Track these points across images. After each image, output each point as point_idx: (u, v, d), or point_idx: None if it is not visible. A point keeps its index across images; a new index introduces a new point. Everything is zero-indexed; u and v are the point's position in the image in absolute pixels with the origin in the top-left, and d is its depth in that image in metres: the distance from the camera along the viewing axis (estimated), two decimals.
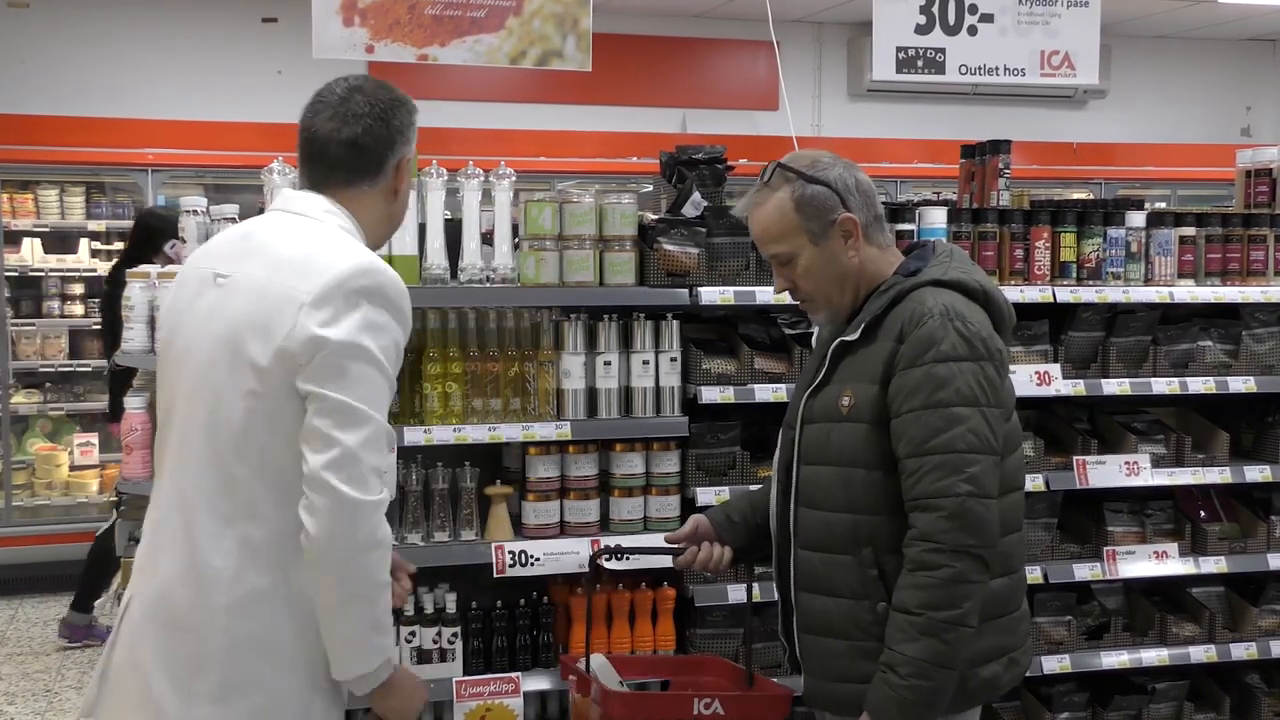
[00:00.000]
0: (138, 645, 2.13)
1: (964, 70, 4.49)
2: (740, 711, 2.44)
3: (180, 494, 2.13)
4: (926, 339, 2.27)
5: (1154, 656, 3.90)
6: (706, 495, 3.51)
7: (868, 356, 2.35)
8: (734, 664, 2.75)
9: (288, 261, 2.10)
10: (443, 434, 3.34)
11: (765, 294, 3.56)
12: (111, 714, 2.16)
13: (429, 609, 3.44)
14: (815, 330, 2.94)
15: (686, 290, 3.55)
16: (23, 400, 7.60)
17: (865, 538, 2.33)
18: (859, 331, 2.38)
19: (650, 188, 4.22)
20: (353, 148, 2.20)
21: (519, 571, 3.40)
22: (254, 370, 2.05)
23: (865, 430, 2.33)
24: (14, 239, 7.54)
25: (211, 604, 2.06)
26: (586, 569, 3.40)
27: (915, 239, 3.71)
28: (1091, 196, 8.39)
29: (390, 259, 3.35)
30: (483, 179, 3.54)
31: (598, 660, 2.59)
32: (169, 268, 3.48)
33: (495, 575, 3.40)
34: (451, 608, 3.44)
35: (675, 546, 2.68)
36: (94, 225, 7.73)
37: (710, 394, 3.52)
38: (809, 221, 2.37)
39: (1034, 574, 3.78)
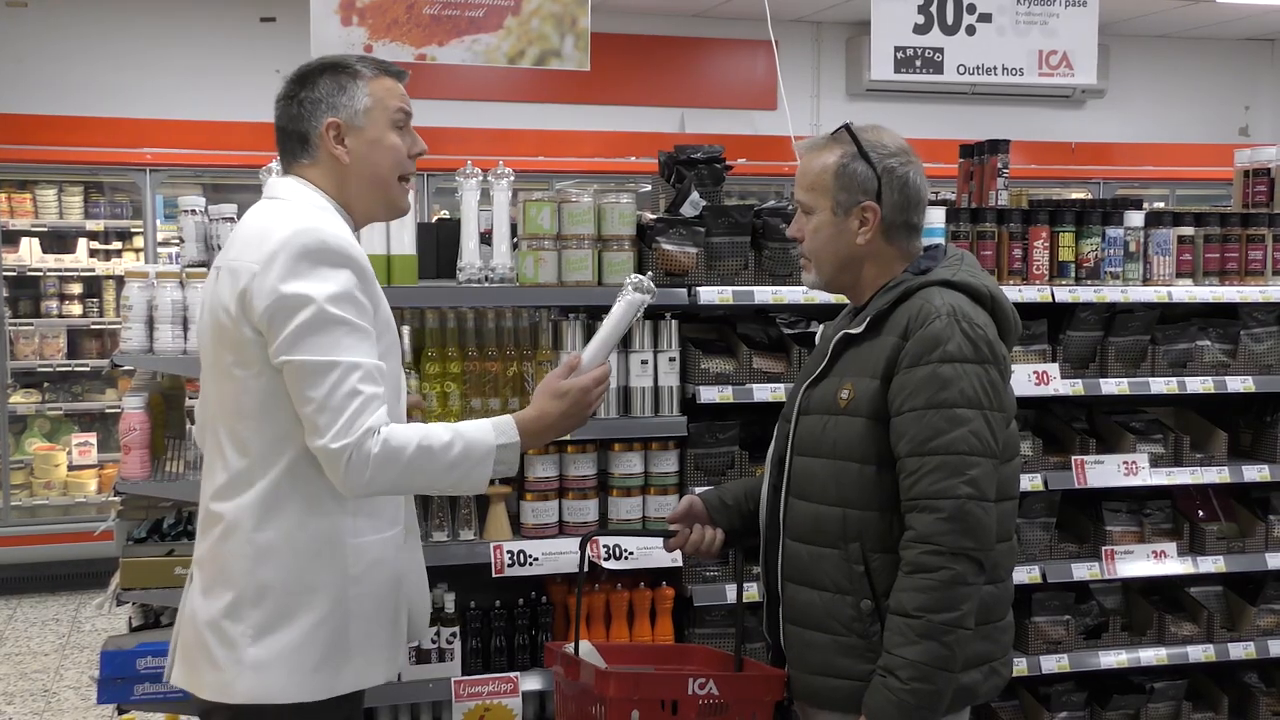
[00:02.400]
0: (191, 606, 2.33)
1: (962, 70, 4.50)
2: (735, 691, 2.45)
3: (208, 465, 2.33)
4: (932, 338, 2.26)
5: (1152, 656, 3.90)
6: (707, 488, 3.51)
7: (870, 351, 2.35)
8: (722, 652, 2.75)
9: (247, 240, 2.25)
10: None
11: (764, 294, 3.56)
12: (184, 674, 2.34)
13: None
14: (818, 330, 2.94)
15: (685, 290, 3.55)
16: (21, 400, 7.60)
17: (854, 532, 2.33)
18: (864, 326, 2.38)
19: (649, 187, 4.22)
20: (280, 133, 2.37)
21: (517, 571, 3.40)
22: (234, 347, 2.21)
23: (862, 424, 2.33)
24: (12, 238, 7.54)
25: (238, 554, 2.24)
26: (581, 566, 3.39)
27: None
28: (1090, 196, 8.39)
29: (389, 259, 3.37)
30: (481, 179, 3.54)
31: (585, 647, 2.59)
32: (166, 267, 3.48)
33: (494, 575, 3.40)
34: (450, 607, 3.44)
35: (667, 529, 2.68)
36: (92, 225, 7.73)
37: (709, 393, 3.52)
38: (839, 192, 2.39)
39: (1032, 573, 3.79)
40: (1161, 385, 3.88)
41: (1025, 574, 3.77)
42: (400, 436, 2.16)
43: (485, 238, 3.55)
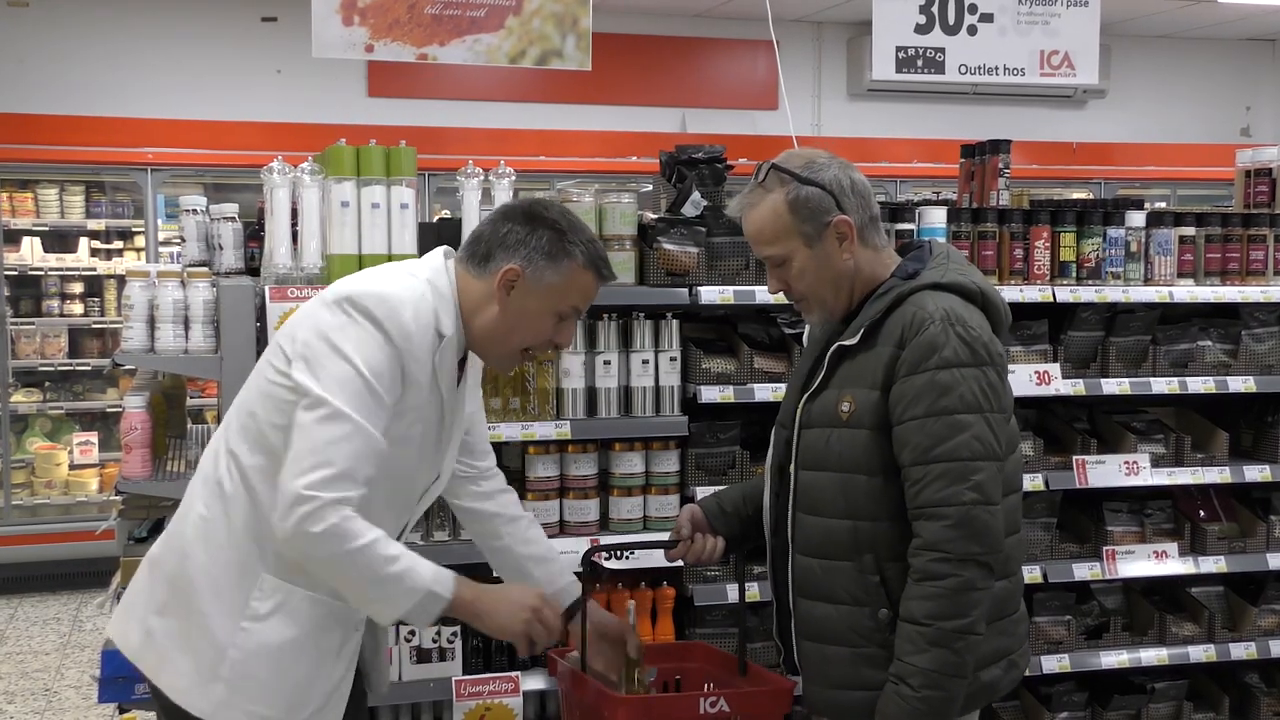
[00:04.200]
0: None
1: (964, 70, 4.49)
2: (746, 707, 2.44)
3: (212, 447, 2.38)
4: (928, 345, 2.25)
5: (1153, 656, 3.90)
6: (706, 495, 3.51)
7: (867, 361, 2.34)
8: (722, 651, 2.75)
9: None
10: None
11: (765, 293, 3.53)
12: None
13: None
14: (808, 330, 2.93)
15: (686, 289, 3.55)
16: (22, 399, 7.61)
17: (866, 544, 2.32)
18: (858, 336, 2.36)
19: (650, 187, 4.22)
20: (478, 234, 2.35)
21: None
22: (278, 357, 2.24)
23: (866, 436, 2.32)
24: (13, 238, 7.55)
25: (180, 532, 2.30)
26: (583, 568, 3.39)
27: (915, 238, 3.71)
28: (1091, 196, 8.39)
29: (390, 259, 3.36)
30: (482, 178, 3.54)
31: None
32: (167, 267, 3.48)
33: (495, 574, 3.40)
34: None
35: (668, 540, 2.67)
36: (93, 224, 7.74)
37: (710, 393, 3.52)
38: (803, 224, 2.35)
39: (1033, 573, 3.78)
40: (1163, 385, 3.88)
41: (1026, 574, 3.74)
42: (360, 528, 2.12)
43: None
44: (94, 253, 7.80)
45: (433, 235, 3.64)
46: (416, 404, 2.24)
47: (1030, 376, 3.73)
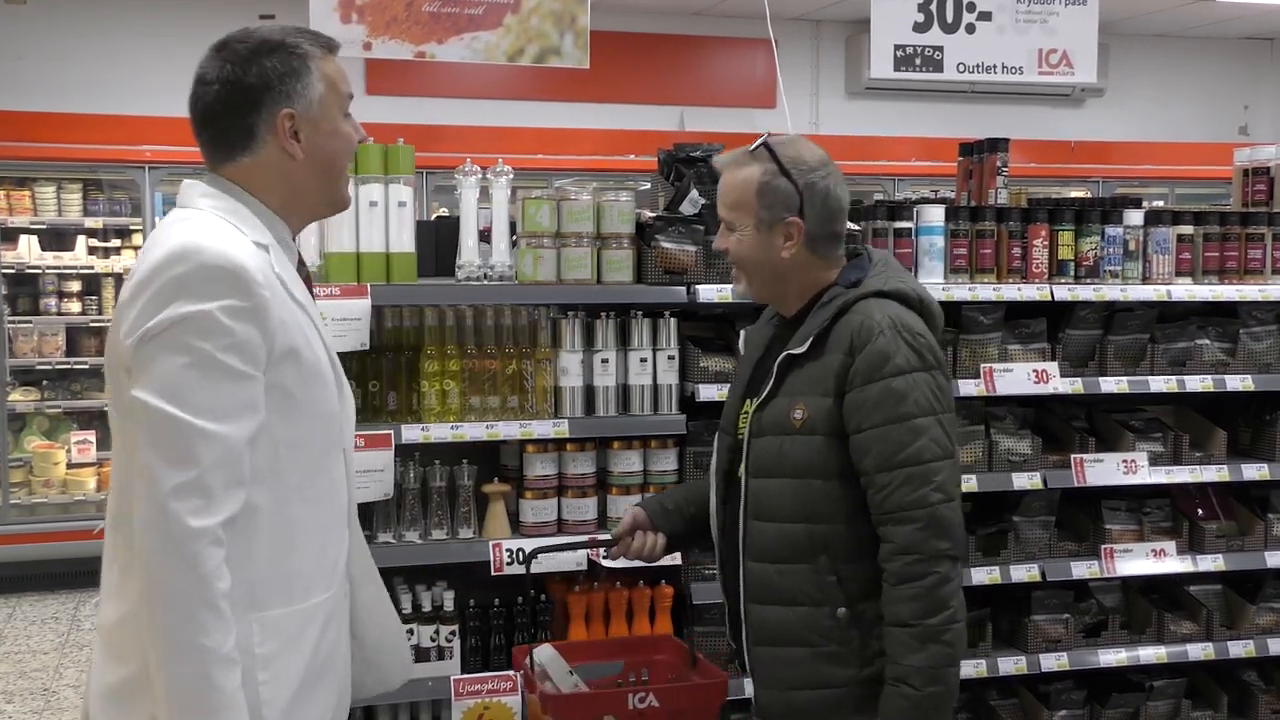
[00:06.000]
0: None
1: (962, 68, 4.50)
2: (675, 702, 2.49)
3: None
4: (881, 355, 2.31)
5: (1152, 654, 3.90)
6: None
7: (817, 369, 2.38)
8: (685, 644, 2.81)
9: (137, 265, 1.92)
10: (440, 431, 3.34)
11: None
12: None
13: (426, 607, 3.44)
14: (743, 334, 2.96)
15: (684, 288, 3.55)
16: (20, 398, 7.60)
17: (820, 546, 2.36)
18: (806, 344, 2.40)
19: (648, 185, 4.22)
20: (207, 125, 2.01)
21: (516, 569, 3.40)
22: (116, 391, 1.92)
23: (820, 442, 2.36)
24: (11, 236, 7.53)
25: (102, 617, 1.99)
26: (583, 566, 3.40)
27: (914, 237, 3.72)
28: (1089, 195, 8.39)
29: (388, 257, 3.37)
30: (480, 176, 3.54)
31: (546, 653, 2.60)
32: None
33: (493, 573, 3.40)
34: (449, 605, 3.44)
35: (604, 539, 2.74)
36: (91, 223, 7.71)
37: (708, 392, 3.52)
38: (762, 209, 2.40)
39: (1031, 571, 3.79)
40: (1161, 384, 3.88)
41: (1025, 572, 3.78)
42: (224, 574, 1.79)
43: (484, 236, 3.55)
44: (91, 251, 7.77)
45: (431, 234, 3.64)
46: (296, 337, 1.93)
47: (1028, 375, 3.73)
